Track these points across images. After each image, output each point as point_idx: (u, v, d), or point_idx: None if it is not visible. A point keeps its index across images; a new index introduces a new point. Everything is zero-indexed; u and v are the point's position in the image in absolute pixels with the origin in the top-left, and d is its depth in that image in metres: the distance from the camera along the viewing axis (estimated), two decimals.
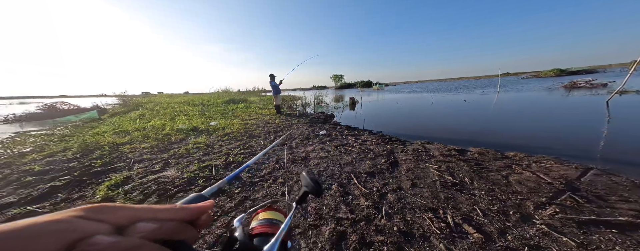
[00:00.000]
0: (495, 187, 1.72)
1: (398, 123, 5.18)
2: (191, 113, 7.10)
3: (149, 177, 2.13)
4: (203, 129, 4.46)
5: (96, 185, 2.00)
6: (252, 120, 5.62)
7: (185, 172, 2.22)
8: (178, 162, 2.57)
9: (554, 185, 1.70)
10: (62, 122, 7.00)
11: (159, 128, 4.57)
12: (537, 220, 1.31)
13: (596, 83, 10.93)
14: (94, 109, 9.17)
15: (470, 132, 3.87)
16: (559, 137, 3.19)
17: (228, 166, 2.40)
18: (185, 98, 13.11)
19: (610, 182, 1.72)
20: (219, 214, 1.52)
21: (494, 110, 5.92)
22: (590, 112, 4.83)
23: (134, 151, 3.04)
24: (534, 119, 4.53)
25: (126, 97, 14.18)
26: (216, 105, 9.99)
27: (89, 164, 2.52)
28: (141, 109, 8.92)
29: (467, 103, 8.03)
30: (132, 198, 1.73)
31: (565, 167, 2.04)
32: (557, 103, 6.43)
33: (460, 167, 2.13)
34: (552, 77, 30.30)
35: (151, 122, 5.18)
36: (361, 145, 3.03)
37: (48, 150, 3.16)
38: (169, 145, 3.36)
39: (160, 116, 6.47)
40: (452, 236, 1.20)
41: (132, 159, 2.68)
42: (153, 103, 11.37)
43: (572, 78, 16.00)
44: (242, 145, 3.25)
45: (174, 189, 1.88)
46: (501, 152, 2.57)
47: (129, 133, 4.15)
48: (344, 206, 1.52)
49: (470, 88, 19.16)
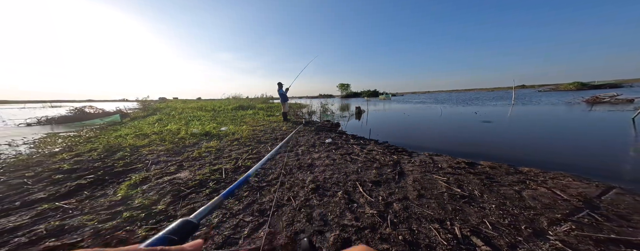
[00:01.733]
0: (506, 201, 1.67)
1: (405, 133, 5.13)
2: (204, 118, 7.43)
3: (164, 178, 2.25)
4: (214, 134, 4.65)
5: (117, 184, 2.14)
6: (260, 126, 5.79)
7: (198, 174, 2.33)
8: (191, 164, 2.70)
9: (571, 202, 1.62)
10: (88, 124, 7.56)
11: (175, 132, 4.82)
12: (551, 236, 1.26)
13: (621, 99, 10.32)
14: (117, 113, 9.84)
15: (481, 145, 3.76)
16: (579, 154, 3.03)
17: (237, 170, 2.49)
18: (198, 104, 13.74)
19: (634, 201, 1.62)
20: (227, 216, 1.58)
21: (508, 124, 5.72)
22: (614, 128, 4.56)
23: (152, 153, 3.23)
24: (552, 134, 4.33)
25: (145, 102, 15.13)
26: (226, 111, 10.40)
27: (112, 164, 2.70)
28: (158, 114, 9.46)
29: (479, 115, 7.78)
30: (149, 197, 1.84)
31: (585, 185, 1.94)
32: (578, 118, 6.11)
33: (470, 180, 2.08)
34: (572, 90, 28.67)
35: (168, 126, 5.49)
36: (367, 154, 3.03)
37: (76, 150, 3.43)
38: (183, 148, 3.54)
39: (176, 120, 6.83)
40: (459, 248, 1.18)
41: (150, 161, 2.85)
42: (169, 108, 12.03)
43: (595, 93, 15.12)
44: (251, 150, 3.36)
45: (187, 190, 1.97)
46: (515, 167, 2.47)
47: (147, 136, 4.41)
48: (348, 214, 1.53)
49: (482, 100, 18.61)
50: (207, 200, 1.80)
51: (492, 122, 6.23)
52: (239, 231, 1.41)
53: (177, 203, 1.75)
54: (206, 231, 1.40)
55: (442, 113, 8.85)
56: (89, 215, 1.59)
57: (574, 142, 3.64)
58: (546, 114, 7.19)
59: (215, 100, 18.88)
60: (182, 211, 1.64)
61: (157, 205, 1.72)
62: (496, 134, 4.58)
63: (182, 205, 1.72)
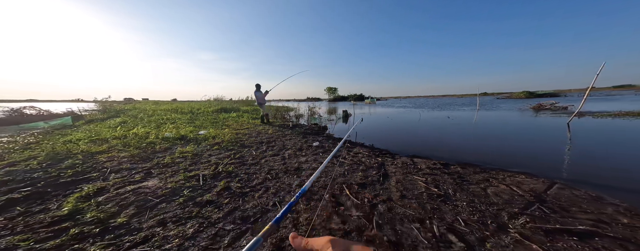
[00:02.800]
0: (475, 198, 1.84)
1: (388, 137, 5.38)
2: (179, 121, 6.87)
3: (127, 188, 2.01)
4: (191, 138, 4.32)
5: (63, 196, 1.84)
6: (244, 129, 5.56)
7: (170, 182, 2.13)
8: (162, 171, 2.46)
9: (525, 197, 1.86)
10: (28, 128, 6.42)
11: (142, 136, 4.36)
12: (511, 229, 1.42)
13: (558, 106, 12.17)
14: (68, 115, 8.55)
15: (453, 146, 4.12)
16: (528, 154, 3.50)
17: (217, 176, 2.34)
18: (173, 106, 12.67)
19: (572, 194, 1.92)
20: (204, 225, 1.47)
21: (474, 128, 6.37)
22: (554, 131, 5.38)
23: (111, 160, 2.86)
24: (509, 136, 4.95)
25: (106, 103, 13.43)
26: (207, 113, 9.76)
27: (57, 174, 2.32)
28: (122, 116, 8.46)
29: (451, 119, 8.58)
30: (105, 210, 1.62)
31: (535, 181, 2.24)
32: (527, 123, 7.08)
33: (445, 179, 2.26)
34: (522, 98, 33.66)
35: (134, 130, 4.93)
36: (353, 157, 3.10)
37: (8, 159, 2.87)
38: (152, 154, 3.21)
39: (145, 124, 6.19)
40: (438, 246, 1.26)
41: (109, 169, 2.52)
42: (137, 110, 10.85)
43: (539, 100, 17.77)
44: (233, 154, 3.19)
45: (156, 200, 1.79)
46: (480, 166, 2.76)
47: (106, 141, 3.91)
48: (336, 217, 1.54)
49: (453, 105, 20.74)
50: (180, 209, 1.65)
51: (461, 125, 6.93)
52: (218, 241, 1.32)
53: (142, 215, 1.58)
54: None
55: (421, 118, 9.51)
56: (22, 234, 1.34)
57: (524, 143, 4.20)
58: (503, 119, 8.21)
59: (195, 101, 17.65)
60: (149, 223, 1.48)
61: (116, 218, 1.52)
62: (465, 137, 5.07)
63: (150, 217, 1.55)
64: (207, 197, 1.83)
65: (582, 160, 3.08)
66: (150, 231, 1.40)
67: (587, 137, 4.54)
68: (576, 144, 4.00)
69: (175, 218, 1.55)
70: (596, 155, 3.30)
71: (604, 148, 3.66)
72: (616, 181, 2.30)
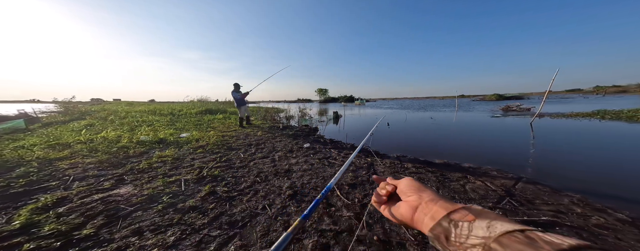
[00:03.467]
0: (456, 195, 1.96)
1: (377, 137, 5.55)
2: (157, 123, 6.39)
3: (94, 197, 1.82)
4: (172, 141, 4.05)
5: (14, 209, 1.62)
6: (231, 132, 5.33)
7: (146, 189, 1.97)
8: (137, 178, 2.27)
9: (497, 192, 2.03)
10: None
11: (113, 140, 3.99)
12: None
13: (523, 108, 13.57)
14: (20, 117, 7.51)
15: (436, 146, 4.38)
16: (500, 152, 3.83)
17: (201, 180, 2.21)
18: (151, 107, 11.77)
19: (536, 188, 2.13)
20: (187, 232, 1.38)
21: (454, 128, 6.81)
22: (519, 130, 5.97)
23: (74, 167, 2.58)
24: (483, 136, 5.38)
25: (69, 104, 12.07)
26: (190, 115, 9.23)
27: (6, 184, 2.03)
28: (88, 118, 7.66)
29: (433, 120, 9.12)
30: (68, 221, 1.45)
31: (505, 177, 2.45)
32: (498, 123, 7.77)
33: (429, 177, 2.38)
34: (493, 100, 37.32)
35: (102, 133, 4.49)
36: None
37: None
38: (125, 159, 2.95)
39: (116, 126, 5.67)
40: (424, 243, 1.32)
41: (72, 176, 2.27)
42: (106, 111, 9.91)
43: (507, 102, 20.30)
44: (219, 158, 3.04)
45: (129, 208, 1.64)
46: (459, 164, 2.96)
47: (69, 147, 3.51)
48: (326, 218, 1.54)
49: (435, 106, 22.32)
50: (159, 216, 1.53)
51: (442, 125, 7.42)
52: (203, 247, 1.25)
53: (113, 225, 1.44)
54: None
55: (407, 119, 9.94)
56: None
57: (496, 142, 4.59)
58: (478, 120, 8.92)
59: (176, 103, 16.57)
60: (122, 233, 1.35)
61: (82, 230, 1.37)
62: (446, 137, 5.41)
63: (123, 226, 1.42)
64: (190, 203, 1.72)
65: (543, 156, 3.44)
66: (124, 241, 1.28)
67: (546, 136, 5.10)
68: (538, 142, 4.46)
69: (153, 226, 1.43)
70: (554, 151, 3.71)
71: (560, 145, 4.13)
72: (571, 174, 2.61)
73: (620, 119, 7.27)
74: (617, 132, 5.34)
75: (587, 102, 20.52)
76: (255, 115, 9.65)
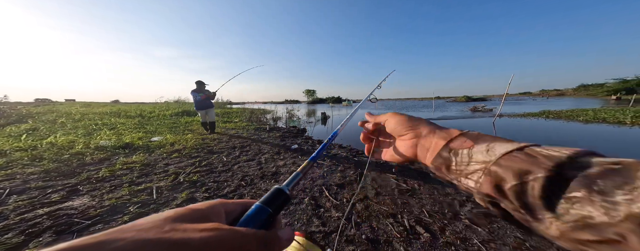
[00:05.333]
0: (434, 190, 2.12)
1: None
2: (122, 127, 5.71)
3: (39, 211, 1.58)
4: (140, 146, 3.65)
5: None
6: (212, 134, 5.00)
7: (107, 199, 1.76)
8: (95, 187, 2.01)
9: None
10: None
11: (64, 146, 3.46)
12: (462, 216, 1.68)
13: (487, 108, 15.50)
14: None
15: None
16: None
17: (177, 187, 2.04)
18: (114, 109, 10.44)
19: None
20: None
21: None
22: (485, 129, 6.71)
23: (12, 178, 2.19)
24: None
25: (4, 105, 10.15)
26: (163, 117, 8.43)
27: None
28: (32, 121, 6.51)
29: None
30: (4, 241, 1.24)
31: None
32: (469, 122, 8.63)
33: (412, 174, 2.52)
34: (463, 101, 41.76)
35: (49, 139, 3.87)
36: (332, 158, 3.16)
37: None
38: (80, 167, 2.59)
39: (68, 130, 4.93)
40: (409, 239, 1.40)
41: (8, 189, 1.92)
42: (54, 113, 8.54)
43: (474, 103, 23.35)
44: (198, 162, 2.84)
45: (86, 222, 1.46)
46: None
47: (4, 155, 2.96)
48: (315, 219, 1.54)
49: (415, 107, 24.45)
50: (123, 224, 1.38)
51: None
52: None
53: (62, 242, 1.25)
54: None
55: None
56: None
57: None
58: (452, 119, 9.78)
59: (147, 104, 14.97)
60: None
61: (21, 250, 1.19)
62: None
63: None
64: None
65: None
66: None
67: (506, 134, 5.80)
68: None
69: None
70: None
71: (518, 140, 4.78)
72: None
73: (561, 118, 8.67)
74: (560, 128, 6.36)
75: (535, 104, 24.45)
76: (240, 117, 9.24)
